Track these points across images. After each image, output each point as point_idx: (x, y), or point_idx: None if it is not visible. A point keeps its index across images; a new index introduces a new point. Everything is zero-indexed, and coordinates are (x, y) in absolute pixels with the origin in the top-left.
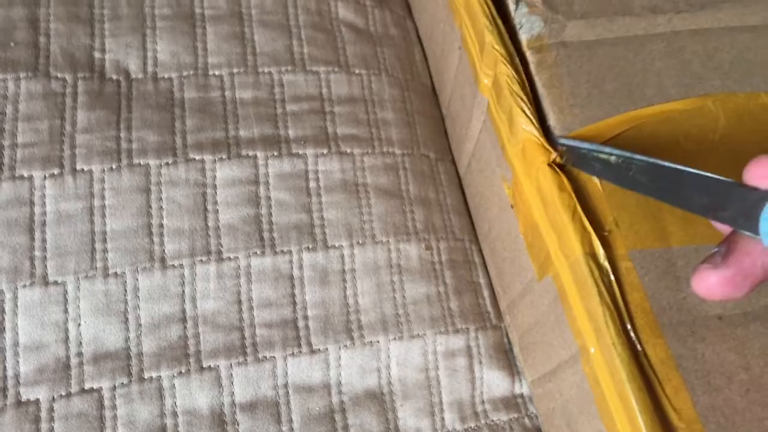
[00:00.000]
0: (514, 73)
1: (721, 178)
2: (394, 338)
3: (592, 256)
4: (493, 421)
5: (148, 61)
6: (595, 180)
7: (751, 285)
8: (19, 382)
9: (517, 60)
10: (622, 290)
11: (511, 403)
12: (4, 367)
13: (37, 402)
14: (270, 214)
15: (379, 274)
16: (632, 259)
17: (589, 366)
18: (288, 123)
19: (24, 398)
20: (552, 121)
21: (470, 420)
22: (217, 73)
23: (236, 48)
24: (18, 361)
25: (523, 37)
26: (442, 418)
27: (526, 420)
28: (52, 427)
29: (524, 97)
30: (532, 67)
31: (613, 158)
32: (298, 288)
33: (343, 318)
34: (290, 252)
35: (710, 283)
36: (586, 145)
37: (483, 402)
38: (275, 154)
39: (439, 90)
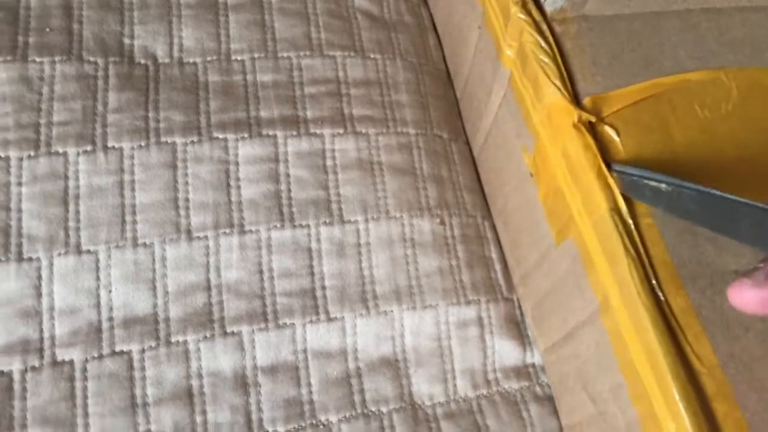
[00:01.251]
0: (540, 39)
1: None
2: (408, 308)
3: (616, 211)
4: (504, 388)
5: (174, 47)
6: (617, 140)
7: None
8: (54, 343)
9: (543, 27)
10: (645, 244)
11: (522, 372)
12: (41, 329)
13: (71, 362)
14: (289, 190)
15: (393, 247)
16: (652, 215)
17: (610, 320)
18: (306, 104)
19: (59, 358)
20: (576, 85)
21: (482, 387)
22: (239, 58)
23: (257, 34)
24: (54, 324)
25: (548, 9)
26: (455, 385)
27: (537, 388)
28: (86, 386)
29: (550, 62)
30: (556, 37)
31: (663, 186)
32: (316, 260)
33: (359, 288)
34: (308, 226)
35: (748, 299)
36: (636, 172)
37: (495, 370)
38: (294, 133)
39: (454, 73)
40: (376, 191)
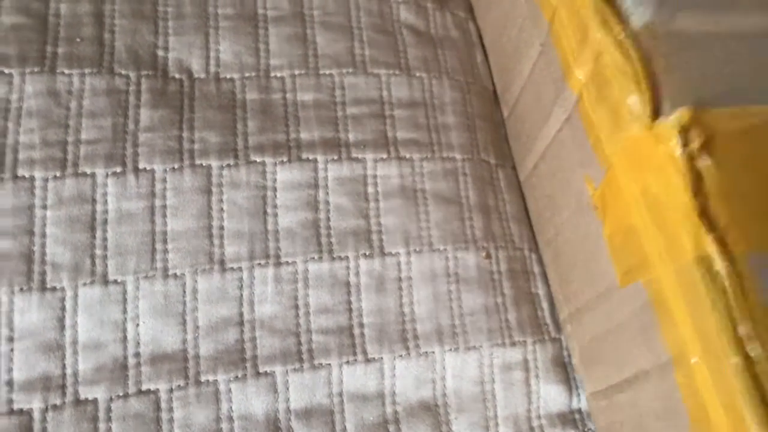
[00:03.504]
0: (625, 62)
1: None
2: (450, 349)
3: (706, 259)
4: None
5: (211, 61)
6: (709, 175)
7: None
8: (77, 380)
9: (627, 47)
10: (737, 296)
11: (568, 418)
12: (64, 365)
13: (95, 401)
14: (328, 219)
15: (436, 282)
16: (750, 261)
17: (685, 376)
18: (348, 126)
19: (82, 397)
20: (663, 114)
21: None
22: (278, 74)
23: (298, 50)
24: (77, 360)
25: (633, 25)
26: None
27: None
28: (110, 427)
29: (635, 88)
30: (642, 60)
31: None
32: (354, 295)
33: (399, 327)
34: (347, 258)
35: None
36: None
37: (539, 417)
38: (335, 158)
39: (502, 91)
40: (419, 221)
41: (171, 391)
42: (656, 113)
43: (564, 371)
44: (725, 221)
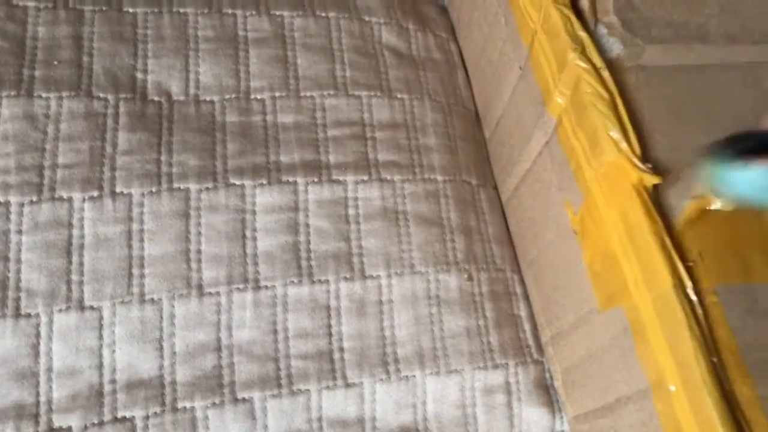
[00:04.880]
0: (602, 90)
1: None
2: (431, 373)
3: (681, 288)
4: None
5: (191, 83)
6: (680, 208)
7: None
8: (51, 408)
9: (606, 76)
10: (710, 326)
11: None
12: (38, 392)
13: (69, 429)
14: (308, 242)
15: (417, 305)
16: (717, 293)
17: (664, 403)
18: (329, 148)
19: (56, 425)
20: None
21: None
22: (259, 96)
23: (278, 71)
24: (51, 387)
25: (602, 58)
26: None
27: None
28: None
29: (612, 115)
30: (615, 90)
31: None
32: (334, 319)
33: (380, 351)
34: (328, 281)
35: None
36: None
37: None
38: (315, 180)
39: (484, 113)
40: (400, 243)
41: (147, 418)
42: (630, 145)
43: (546, 394)
44: (695, 254)
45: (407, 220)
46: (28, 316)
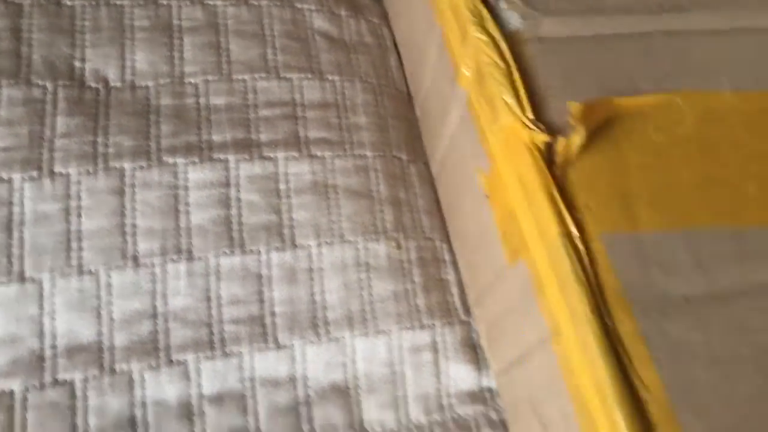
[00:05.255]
0: (498, 60)
1: None
2: (360, 334)
3: (568, 236)
4: (458, 414)
5: (127, 70)
6: (572, 165)
7: None
8: None
9: (502, 47)
10: (595, 269)
11: (477, 396)
12: None
13: (11, 393)
14: (240, 215)
15: (347, 272)
16: (603, 241)
17: (560, 345)
18: (260, 128)
19: None
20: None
21: (435, 413)
22: (192, 81)
23: (211, 57)
24: None
25: (502, 31)
26: (407, 411)
27: (493, 413)
28: (25, 416)
29: (507, 83)
30: (510, 59)
31: None
32: (266, 286)
33: (310, 315)
34: (259, 251)
35: None
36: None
37: (449, 395)
38: (246, 157)
39: (414, 93)
40: (330, 215)
41: (86, 380)
42: (523, 110)
43: (473, 352)
44: (582, 205)
45: (337, 193)
46: None
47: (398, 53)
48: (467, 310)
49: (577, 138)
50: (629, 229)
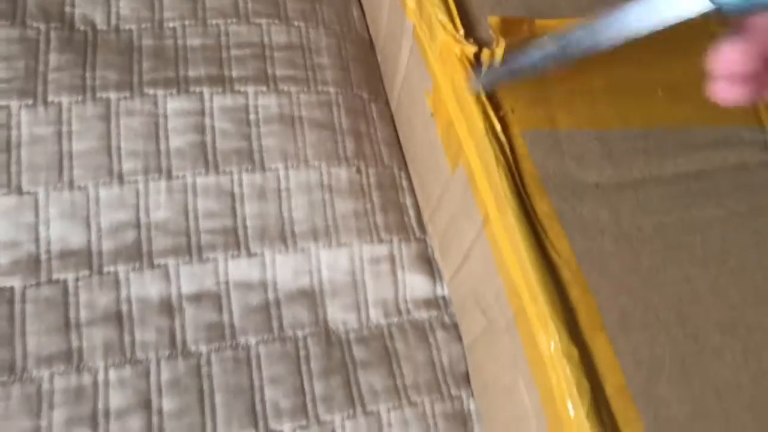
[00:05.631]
0: None
1: None
2: (324, 246)
3: (492, 131)
4: (414, 317)
5: (112, 16)
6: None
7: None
8: None
9: None
10: (516, 159)
11: (432, 303)
12: None
13: (11, 288)
14: (214, 141)
15: (311, 192)
16: (524, 137)
17: (489, 229)
18: (232, 65)
19: (1, 285)
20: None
21: (393, 316)
22: (171, 25)
23: (188, 4)
24: None
25: None
26: (367, 314)
27: (445, 317)
28: (24, 308)
29: (442, 5)
30: None
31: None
32: (238, 202)
33: (279, 228)
34: (231, 172)
35: (728, 58)
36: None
37: (405, 301)
38: (219, 90)
39: (375, 38)
40: (296, 142)
41: (77, 279)
42: (455, 26)
43: (428, 265)
44: (508, 108)
45: (302, 123)
46: None
47: (361, 6)
48: (423, 230)
49: (498, 48)
50: (548, 127)
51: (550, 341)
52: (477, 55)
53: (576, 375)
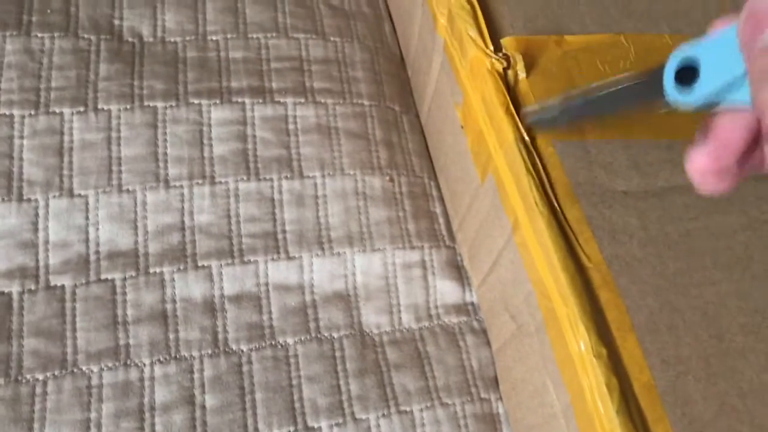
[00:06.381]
0: (466, 3)
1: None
2: (359, 251)
3: (522, 140)
4: (444, 322)
5: (158, 28)
6: (527, 83)
7: (735, 156)
8: (48, 271)
9: None
10: (545, 168)
11: (461, 309)
12: (37, 259)
13: (62, 287)
14: (255, 149)
15: (347, 199)
16: (555, 146)
17: (519, 236)
18: (272, 77)
19: (53, 284)
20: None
21: (424, 320)
22: (214, 38)
23: (230, 18)
24: (48, 255)
25: None
26: (400, 317)
27: (474, 323)
28: (75, 306)
29: (473, 22)
30: (476, 2)
31: (556, 111)
32: (278, 208)
33: (316, 233)
34: (271, 179)
35: (698, 161)
36: (536, 117)
37: (436, 306)
38: (260, 101)
39: (405, 54)
40: (332, 151)
41: (125, 279)
42: (485, 42)
43: (457, 271)
44: None
45: (338, 134)
46: (29, 200)
47: (392, 22)
48: (452, 238)
49: (518, 64)
50: (577, 138)
51: (580, 341)
52: (506, 70)
53: (605, 373)
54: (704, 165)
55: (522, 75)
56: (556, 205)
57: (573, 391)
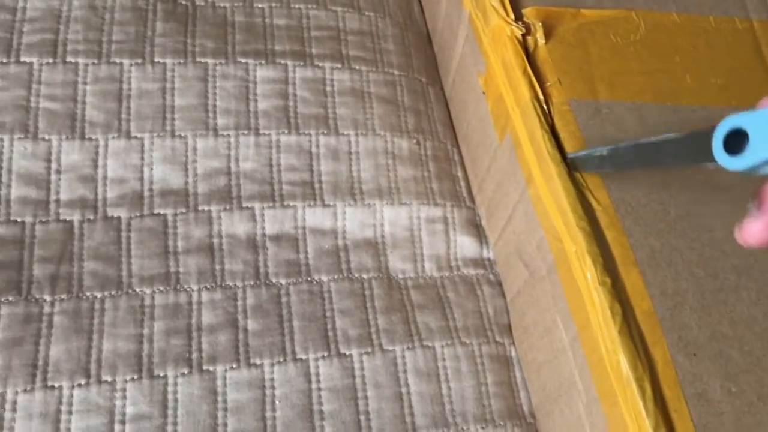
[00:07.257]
0: None
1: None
2: (387, 203)
3: (537, 99)
4: (463, 273)
5: None
6: (545, 50)
7: None
8: (106, 203)
9: None
10: (559, 123)
11: (479, 263)
12: (96, 192)
13: (119, 218)
14: (296, 106)
15: (377, 157)
16: (570, 104)
17: (533, 187)
18: (312, 43)
19: (110, 215)
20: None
21: (445, 270)
22: (260, 5)
23: None
24: (106, 189)
25: None
26: (423, 265)
27: (491, 276)
28: (130, 235)
29: None
30: None
31: (605, 152)
32: (315, 160)
33: (348, 185)
34: (310, 134)
35: (754, 232)
36: (584, 152)
37: (456, 259)
38: (301, 64)
39: (432, 32)
40: (365, 113)
41: (176, 215)
42: (506, 10)
43: (476, 230)
44: (555, 80)
45: (371, 98)
46: (90, 139)
47: (420, 3)
48: (472, 200)
49: (538, 32)
50: (591, 98)
51: (587, 272)
52: (525, 36)
53: (609, 299)
54: (761, 237)
55: (541, 41)
56: (569, 163)
57: (579, 321)
